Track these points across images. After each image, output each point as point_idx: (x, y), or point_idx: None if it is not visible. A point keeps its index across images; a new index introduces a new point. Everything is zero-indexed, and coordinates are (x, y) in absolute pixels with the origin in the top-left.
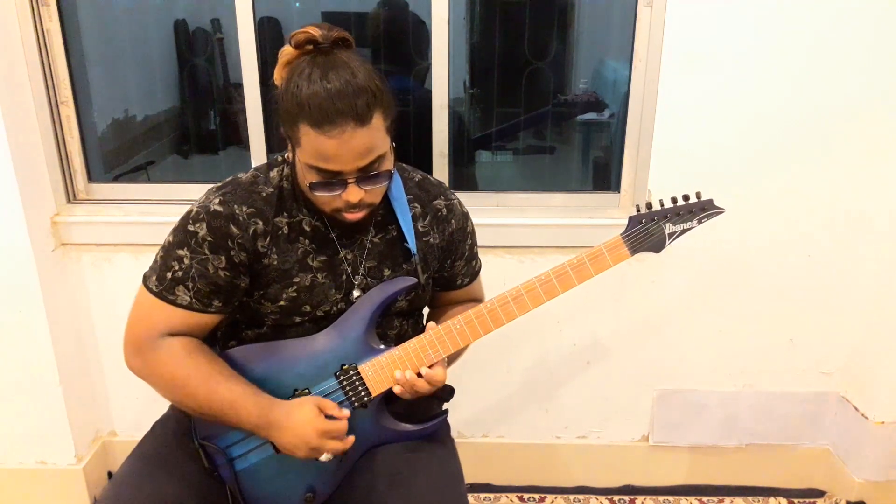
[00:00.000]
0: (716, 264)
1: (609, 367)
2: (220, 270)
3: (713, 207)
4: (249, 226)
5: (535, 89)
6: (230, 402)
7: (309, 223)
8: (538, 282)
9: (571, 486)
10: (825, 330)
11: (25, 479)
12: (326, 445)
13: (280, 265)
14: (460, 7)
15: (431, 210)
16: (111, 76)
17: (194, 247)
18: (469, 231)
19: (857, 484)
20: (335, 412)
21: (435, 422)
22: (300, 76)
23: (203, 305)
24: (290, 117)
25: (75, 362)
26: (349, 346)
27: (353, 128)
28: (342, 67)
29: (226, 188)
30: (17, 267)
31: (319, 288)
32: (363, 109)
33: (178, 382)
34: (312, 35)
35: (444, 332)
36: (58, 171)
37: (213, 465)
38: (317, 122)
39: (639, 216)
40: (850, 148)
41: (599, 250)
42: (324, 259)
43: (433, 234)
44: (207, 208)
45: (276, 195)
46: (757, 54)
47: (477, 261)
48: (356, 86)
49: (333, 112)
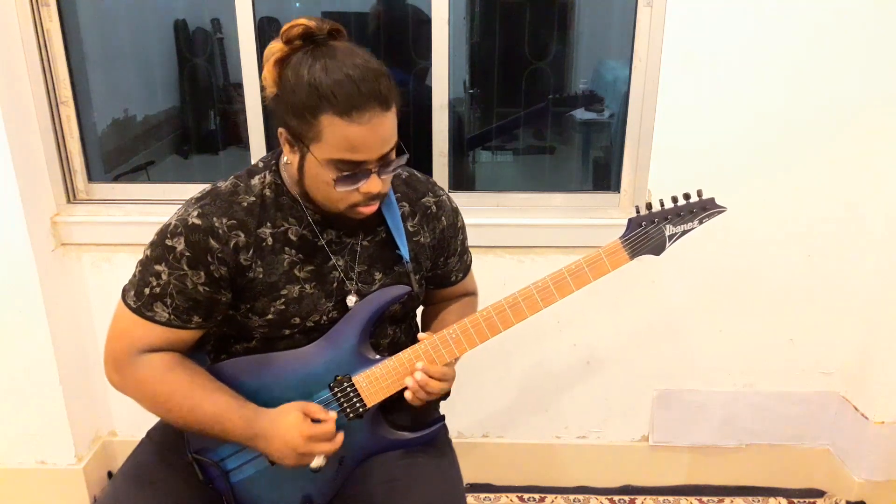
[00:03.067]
0: (716, 264)
1: (609, 367)
2: (200, 286)
3: (714, 206)
4: (230, 239)
5: (536, 89)
6: (214, 416)
7: (295, 232)
8: (535, 288)
9: (571, 486)
10: (825, 330)
11: (25, 479)
12: (315, 449)
13: (266, 278)
14: (460, 7)
15: (420, 208)
16: (111, 76)
17: (172, 262)
18: (460, 226)
19: (857, 484)
20: (321, 415)
21: (432, 429)
22: (312, 69)
23: (182, 321)
24: (308, 111)
25: (75, 362)
26: (343, 358)
27: (381, 113)
28: (351, 54)
29: (204, 199)
30: (17, 267)
31: (308, 299)
32: (386, 93)
33: (159, 399)
34: (307, 26)
35: (440, 341)
36: (58, 171)
37: (207, 478)
38: (345, 111)
39: (638, 218)
40: (850, 148)
41: (598, 255)
42: (311, 269)
43: (423, 232)
44: (185, 222)
45: (258, 204)
46: (757, 54)
47: (468, 254)
48: (375, 70)
49: (361, 99)
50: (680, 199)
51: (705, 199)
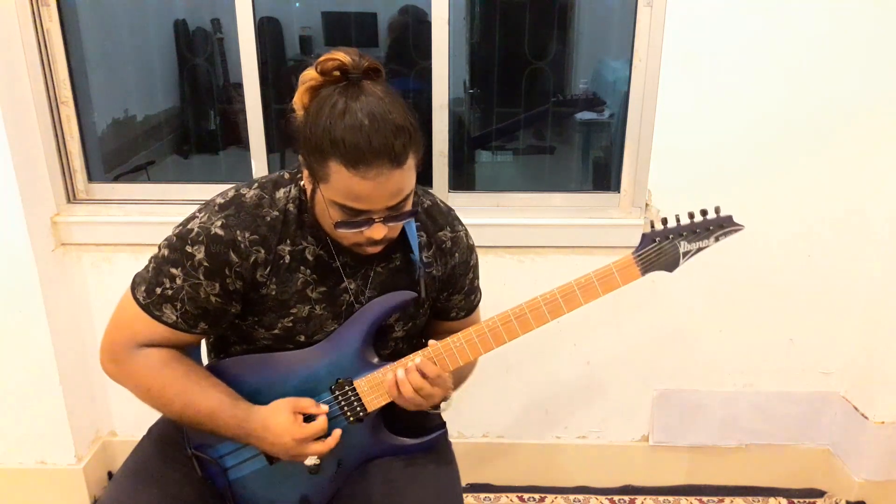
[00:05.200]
0: (716, 264)
1: (609, 367)
2: (213, 296)
3: (732, 224)
4: (251, 254)
5: (535, 89)
6: (207, 414)
7: (312, 252)
8: (543, 301)
9: (571, 486)
10: (825, 330)
11: (25, 479)
12: (307, 450)
13: (278, 295)
14: (460, 7)
15: (436, 242)
16: (111, 76)
17: (189, 269)
18: (472, 265)
19: (857, 484)
20: (313, 409)
21: (433, 435)
22: (332, 109)
23: (188, 326)
24: (319, 152)
25: (75, 362)
26: (345, 361)
27: (390, 170)
28: (377, 103)
29: (229, 209)
30: (17, 267)
31: (316, 319)
32: (400, 150)
33: (153, 393)
34: (342, 63)
35: (444, 349)
36: (58, 171)
37: (206, 475)
38: (352, 163)
39: (652, 234)
40: (850, 148)
41: (609, 270)
42: (324, 290)
43: (436, 265)
44: (208, 231)
45: (280, 220)
46: (757, 54)
47: (477, 294)
48: (394, 125)
49: (370, 154)
50: (696, 216)
51: (723, 216)
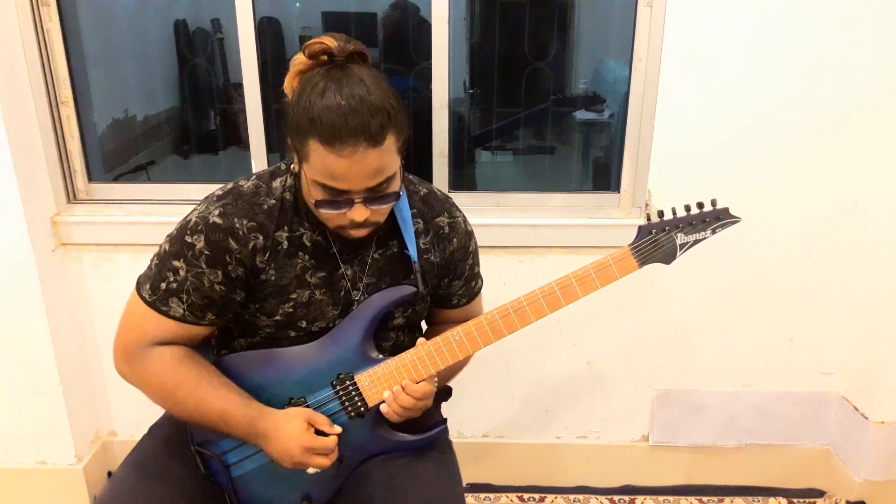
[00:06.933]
0: (716, 264)
1: (609, 367)
2: (216, 284)
3: (729, 216)
4: (249, 241)
5: (536, 89)
6: (220, 412)
7: (310, 238)
8: (541, 294)
9: (571, 486)
10: (825, 330)
11: (25, 479)
12: (311, 461)
13: (277, 281)
14: (460, 7)
15: (433, 227)
16: (111, 76)
17: (191, 259)
18: (471, 251)
19: (857, 484)
20: (326, 428)
21: (433, 432)
22: (313, 90)
23: (196, 318)
24: (299, 132)
25: (75, 362)
26: (346, 356)
27: (366, 148)
28: (357, 84)
29: (227, 199)
30: (17, 267)
31: (316, 305)
32: (377, 130)
33: (167, 391)
34: (328, 46)
35: (443, 343)
36: (58, 170)
37: (209, 471)
38: (328, 140)
39: (649, 226)
40: (850, 148)
41: (606, 262)
42: (322, 275)
43: (434, 252)
44: (206, 220)
45: (277, 207)
46: (757, 54)
47: (477, 281)
48: (371, 105)
49: (346, 131)
50: (693, 208)
51: (719, 208)
